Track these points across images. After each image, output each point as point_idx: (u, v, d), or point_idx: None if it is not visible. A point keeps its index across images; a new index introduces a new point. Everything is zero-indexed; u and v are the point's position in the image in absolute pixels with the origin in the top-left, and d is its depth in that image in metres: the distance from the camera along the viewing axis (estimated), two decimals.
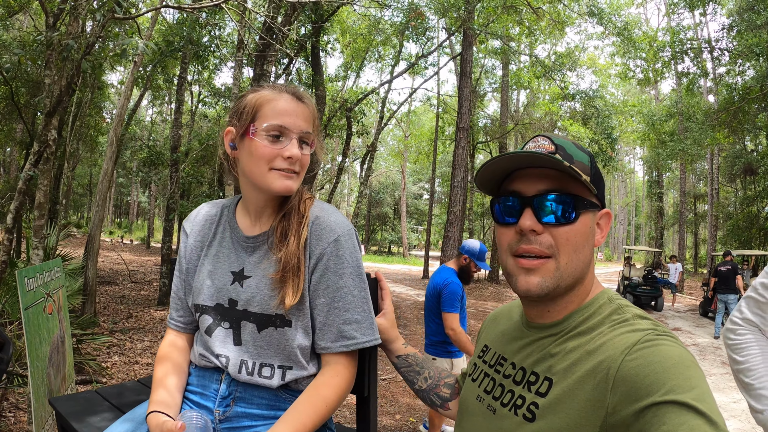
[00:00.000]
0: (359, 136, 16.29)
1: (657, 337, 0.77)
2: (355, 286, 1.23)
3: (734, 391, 6.65)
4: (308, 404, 1.15)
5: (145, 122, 29.25)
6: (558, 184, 0.87)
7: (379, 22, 16.08)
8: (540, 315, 0.94)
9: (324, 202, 1.33)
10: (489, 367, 1.02)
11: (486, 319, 1.20)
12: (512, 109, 22.71)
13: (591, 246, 0.91)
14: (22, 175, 3.07)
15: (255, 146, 1.18)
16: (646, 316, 0.85)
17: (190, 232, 1.37)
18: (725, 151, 23.24)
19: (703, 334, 11.09)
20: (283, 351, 1.20)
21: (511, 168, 0.91)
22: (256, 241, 1.27)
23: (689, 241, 31.92)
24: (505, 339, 1.03)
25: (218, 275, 1.27)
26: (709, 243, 22.67)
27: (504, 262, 0.93)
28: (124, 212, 49.04)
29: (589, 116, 14.22)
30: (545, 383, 0.85)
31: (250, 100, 1.22)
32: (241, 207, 1.33)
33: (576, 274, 0.88)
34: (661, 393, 0.68)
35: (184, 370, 1.31)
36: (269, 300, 1.19)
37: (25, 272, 2.78)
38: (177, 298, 1.37)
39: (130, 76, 7.67)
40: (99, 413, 1.75)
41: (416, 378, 1.35)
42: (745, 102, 15.32)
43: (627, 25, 14.58)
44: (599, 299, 0.91)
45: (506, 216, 0.91)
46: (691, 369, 0.72)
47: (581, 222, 0.87)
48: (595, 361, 0.79)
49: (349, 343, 1.20)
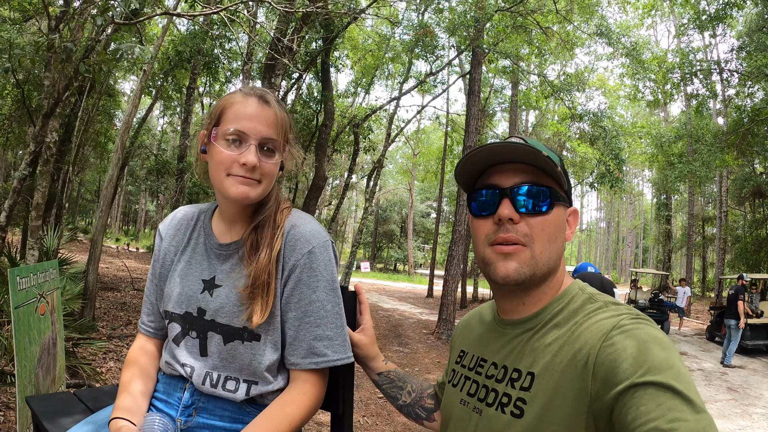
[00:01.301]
0: (367, 153, 16.34)
1: (632, 321, 0.79)
2: (329, 301, 1.18)
3: (739, 418, 6.49)
4: (270, 421, 1.11)
5: (156, 132, 29.60)
6: (532, 177, 0.91)
7: (390, 39, 16.23)
8: (515, 309, 0.95)
9: (302, 212, 1.28)
10: (469, 371, 1.01)
11: (456, 327, 1.20)
12: (521, 128, 22.74)
13: (563, 239, 0.94)
14: (17, 174, 3.10)
15: (215, 151, 1.14)
16: (619, 303, 0.87)
17: (164, 235, 1.34)
18: (734, 173, 23.04)
19: (709, 359, 10.88)
20: (249, 366, 1.16)
21: (489, 162, 0.95)
22: (228, 249, 1.23)
23: (697, 265, 31.52)
24: (482, 341, 1.03)
25: (189, 282, 1.23)
26: (717, 266, 22.37)
27: (481, 253, 0.94)
28: (132, 220, 49.40)
29: (596, 137, 14.19)
30: (528, 378, 0.85)
31: (219, 103, 1.19)
32: (218, 213, 1.29)
33: (550, 263, 0.91)
34: (638, 374, 0.70)
35: (151, 376, 1.28)
36: (237, 313, 1.15)
37: (17, 271, 2.77)
38: (149, 303, 1.34)
39: (139, 84, 7.78)
40: (72, 414, 1.72)
41: (399, 393, 1.32)
42: (754, 124, 15.22)
43: (636, 46, 14.61)
44: (571, 290, 0.93)
45: (484, 208, 0.94)
46: (667, 350, 0.74)
47: (555, 213, 0.92)
48: (574, 351, 0.80)
49: (319, 360, 1.16)
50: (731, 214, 25.33)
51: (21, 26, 11.03)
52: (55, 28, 3.56)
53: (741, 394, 7.79)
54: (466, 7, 11.90)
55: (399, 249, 43.59)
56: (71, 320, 5.31)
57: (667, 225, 28.34)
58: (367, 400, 6.02)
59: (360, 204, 43.52)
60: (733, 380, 8.86)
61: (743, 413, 6.73)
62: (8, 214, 3.24)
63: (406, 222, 39.75)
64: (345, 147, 16.74)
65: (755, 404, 7.24)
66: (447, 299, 11.12)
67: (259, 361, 1.16)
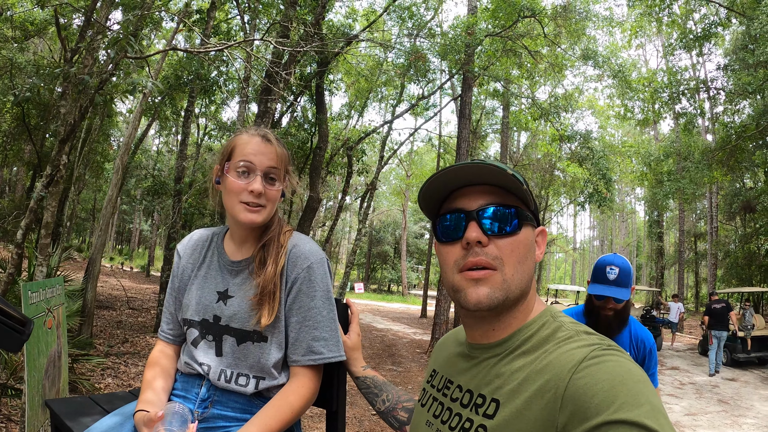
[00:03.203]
0: (360, 175, 16.57)
1: (603, 352, 0.75)
2: (324, 308, 1.40)
3: (729, 429, 6.60)
4: (276, 409, 1.31)
5: (152, 152, 29.76)
6: (498, 198, 0.90)
7: (383, 63, 16.61)
8: (484, 335, 0.93)
9: (301, 234, 1.52)
10: (437, 392, 1.00)
11: (435, 344, 1.24)
12: (513, 150, 23.05)
13: (533, 260, 0.92)
14: (35, 195, 3.26)
15: (228, 182, 1.37)
16: (591, 332, 0.84)
17: (183, 254, 1.55)
18: (724, 189, 23.39)
19: (701, 373, 11.00)
20: (258, 363, 1.37)
21: (453, 186, 0.94)
22: (239, 266, 1.44)
23: (690, 281, 31.71)
24: (451, 362, 1.02)
25: (205, 294, 1.44)
26: (709, 282, 22.57)
27: (450, 281, 0.91)
28: (126, 239, 49.18)
29: (584, 157, 14.47)
30: (492, 405, 0.83)
31: (229, 142, 1.44)
32: (229, 235, 1.51)
33: (522, 285, 0.88)
34: (611, 411, 0.66)
35: (171, 375, 1.48)
36: (248, 318, 1.36)
37: (29, 286, 2.93)
38: (168, 313, 1.54)
39: (139, 107, 7.98)
40: (91, 415, 1.85)
41: (375, 400, 1.46)
42: (741, 140, 15.53)
43: (623, 68, 15.02)
44: (543, 317, 0.90)
45: (450, 233, 0.92)
46: (640, 384, 0.70)
47: (523, 233, 0.89)
48: (542, 380, 0.77)
49: (316, 357, 1.37)
50: (722, 230, 25.62)
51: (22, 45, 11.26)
52: (70, 59, 3.76)
53: (732, 406, 7.91)
54: (457, 32, 12.26)
55: (393, 270, 43.53)
56: (70, 337, 5.40)
57: (659, 242, 28.62)
58: (361, 417, 6.10)
59: (354, 225, 43.63)
60: (724, 392, 8.98)
61: (733, 424, 6.84)
62: (24, 232, 3.38)
63: (400, 243, 39.79)
64: (339, 169, 16.96)
65: (746, 415, 7.36)
66: (440, 319, 11.25)
67: (267, 359, 1.37)
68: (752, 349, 11.75)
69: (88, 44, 3.59)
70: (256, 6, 10.22)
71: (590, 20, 13.91)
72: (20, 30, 10.14)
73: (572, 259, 65.81)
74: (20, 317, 0.87)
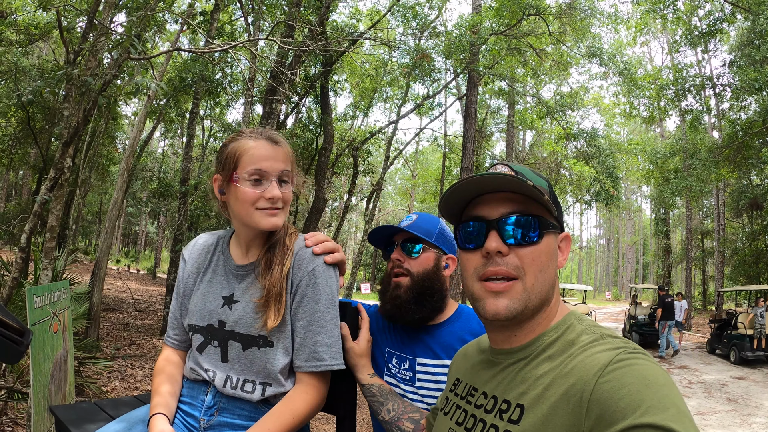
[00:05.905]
0: (366, 175, 16.55)
1: (629, 356, 0.75)
2: (328, 312, 1.37)
3: (739, 428, 6.53)
4: (278, 415, 1.28)
5: (157, 154, 29.86)
6: (520, 206, 0.89)
7: (387, 63, 16.58)
8: (506, 340, 0.92)
9: None
10: (461, 399, 0.99)
11: (456, 354, 1.19)
12: (518, 149, 22.98)
13: (555, 267, 0.91)
14: (38, 199, 3.25)
15: (239, 191, 1.32)
16: (615, 335, 0.83)
17: (188, 259, 1.53)
18: (731, 186, 23.20)
19: (710, 372, 10.91)
20: (264, 369, 1.33)
21: (475, 193, 0.93)
22: (245, 270, 1.41)
23: (698, 279, 31.48)
24: (475, 370, 1.01)
25: (211, 299, 1.41)
26: (717, 279, 22.40)
27: (470, 288, 0.91)
28: (132, 242, 49.42)
29: (591, 155, 14.40)
30: (517, 410, 0.82)
31: (232, 150, 1.37)
32: (235, 239, 1.48)
33: (542, 294, 0.87)
34: (637, 415, 0.66)
35: (177, 381, 1.45)
36: (253, 322, 1.33)
37: (34, 290, 2.91)
38: (174, 318, 1.52)
39: (143, 109, 7.99)
40: (96, 421, 1.83)
41: (380, 409, 1.43)
42: (748, 136, 15.40)
43: (628, 65, 14.92)
44: (567, 321, 0.89)
45: (471, 241, 0.91)
46: (666, 387, 0.69)
47: (545, 242, 0.89)
48: (567, 385, 0.77)
49: (318, 364, 1.33)
50: (729, 227, 25.42)
51: (26, 49, 11.32)
52: (73, 62, 3.76)
53: (741, 405, 7.83)
54: (462, 31, 12.22)
55: None
56: (76, 340, 5.41)
57: (666, 240, 28.41)
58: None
59: (360, 226, 43.64)
60: (733, 391, 8.90)
61: (743, 423, 6.77)
62: (28, 236, 3.38)
63: None
64: (344, 170, 16.96)
65: (755, 414, 7.28)
66: None
67: (273, 365, 1.33)
68: (764, 347, 11.63)
69: (91, 46, 3.59)
70: (260, 7, 10.21)
71: (595, 17, 13.83)
72: (24, 34, 10.18)
73: (579, 258, 65.56)
74: (19, 327, 0.84)
